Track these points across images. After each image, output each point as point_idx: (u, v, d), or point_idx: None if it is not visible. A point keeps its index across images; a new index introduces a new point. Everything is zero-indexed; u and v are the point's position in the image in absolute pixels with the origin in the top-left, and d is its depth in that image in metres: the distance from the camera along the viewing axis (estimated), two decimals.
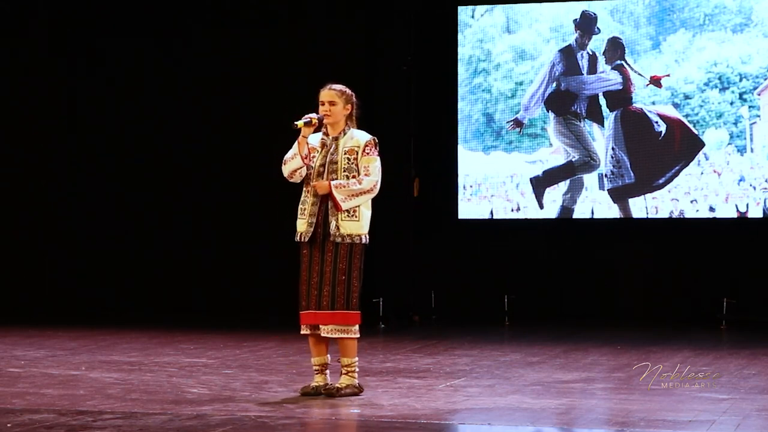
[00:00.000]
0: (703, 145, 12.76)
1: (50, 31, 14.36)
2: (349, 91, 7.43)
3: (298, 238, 7.37)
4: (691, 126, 12.80)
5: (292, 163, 7.34)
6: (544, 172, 13.23)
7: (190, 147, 13.94)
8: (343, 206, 7.25)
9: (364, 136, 7.37)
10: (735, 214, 12.71)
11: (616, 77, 13.05)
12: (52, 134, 14.29)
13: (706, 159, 12.76)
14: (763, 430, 6.51)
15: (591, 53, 13.10)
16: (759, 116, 12.66)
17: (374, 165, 7.32)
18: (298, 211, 7.38)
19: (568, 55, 13.16)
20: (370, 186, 7.30)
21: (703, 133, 12.77)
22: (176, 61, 14.07)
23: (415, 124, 13.40)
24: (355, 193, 7.27)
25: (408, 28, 13.45)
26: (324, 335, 7.30)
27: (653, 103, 12.92)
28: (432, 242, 13.54)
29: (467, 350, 10.16)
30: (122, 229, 14.15)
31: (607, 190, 13.00)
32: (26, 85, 14.32)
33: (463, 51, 13.46)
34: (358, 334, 7.32)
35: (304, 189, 7.40)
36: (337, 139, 7.38)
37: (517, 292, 13.03)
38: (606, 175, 13.01)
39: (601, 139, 13.05)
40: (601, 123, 13.05)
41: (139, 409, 6.83)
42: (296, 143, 7.32)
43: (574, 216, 13.12)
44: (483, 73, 13.40)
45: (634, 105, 12.97)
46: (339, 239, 7.26)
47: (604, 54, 13.07)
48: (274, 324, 11.92)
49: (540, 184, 13.22)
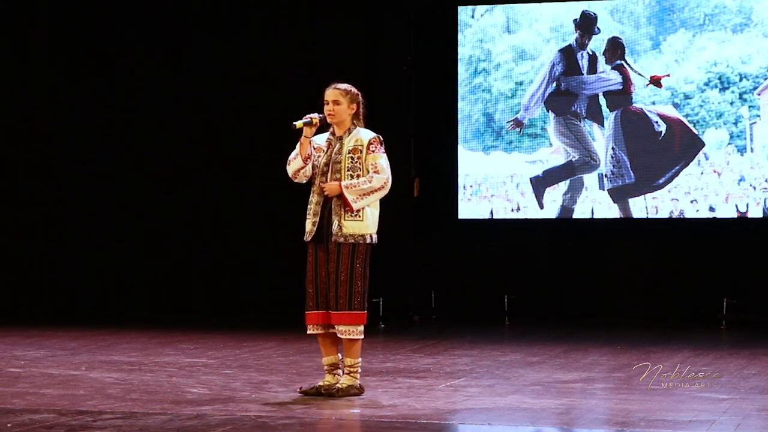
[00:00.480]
0: (703, 145, 12.76)
1: (50, 31, 14.35)
2: (354, 90, 7.36)
3: (305, 237, 7.35)
4: (691, 126, 12.80)
5: (294, 164, 7.33)
6: (544, 172, 13.22)
7: (190, 147, 13.94)
8: (355, 206, 7.19)
9: (368, 135, 7.31)
10: (735, 214, 12.70)
11: (616, 77, 13.04)
12: (52, 134, 14.28)
13: (706, 159, 12.76)
14: (763, 430, 6.50)
15: (591, 53, 13.10)
16: (759, 116, 12.66)
17: (382, 162, 7.25)
18: (306, 211, 7.35)
19: (568, 55, 13.16)
20: (380, 183, 7.22)
21: (703, 133, 12.77)
22: (177, 61, 14.08)
23: (415, 124, 13.40)
24: (366, 192, 7.21)
25: (408, 28, 13.45)
26: (339, 336, 7.27)
27: (653, 103, 12.92)
28: (432, 242, 13.54)
29: (467, 350, 10.16)
30: (122, 229, 14.15)
31: (607, 190, 13.00)
32: (26, 86, 14.32)
33: (463, 51, 13.46)
34: (361, 335, 7.27)
35: (312, 188, 7.38)
36: (341, 138, 7.34)
37: (517, 292, 13.02)
38: (606, 175, 13.00)
39: (601, 139, 13.04)
40: (601, 123, 13.05)
41: (139, 409, 6.82)
42: (298, 144, 7.31)
43: (574, 216, 13.12)
44: (483, 73, 13.40)
45: (634, 105, 12.97)
46: (342, 239, 7.22)
47: (604, 54, 13.06)
48: (274, 324, 11.93)
49: (540, 184, 13.22)
